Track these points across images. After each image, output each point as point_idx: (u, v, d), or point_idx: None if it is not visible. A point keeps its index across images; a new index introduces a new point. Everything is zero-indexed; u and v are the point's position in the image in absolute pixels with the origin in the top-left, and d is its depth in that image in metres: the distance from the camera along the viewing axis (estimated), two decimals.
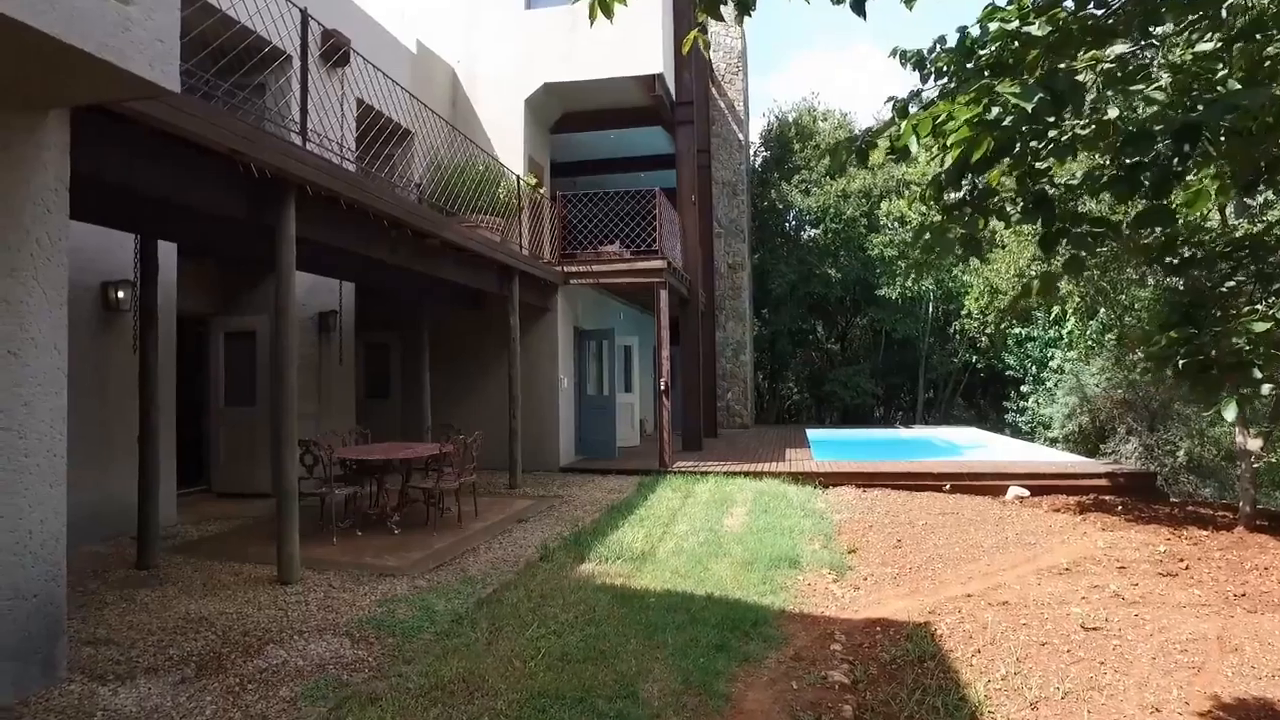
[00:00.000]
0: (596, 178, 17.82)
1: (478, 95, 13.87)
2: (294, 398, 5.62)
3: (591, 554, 6.61)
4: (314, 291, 10.17)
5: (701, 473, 11.40)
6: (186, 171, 5.05)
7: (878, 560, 6.88)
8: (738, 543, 7.16)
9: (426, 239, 8.03)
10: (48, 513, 3.83)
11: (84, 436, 6.87)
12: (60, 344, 3.91)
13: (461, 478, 7.78)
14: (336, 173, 5.92)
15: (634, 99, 14.17)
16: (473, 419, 12.02)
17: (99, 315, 7.07)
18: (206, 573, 5.92)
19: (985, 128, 2.72)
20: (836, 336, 29.10)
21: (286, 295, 5.60)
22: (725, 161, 21.72)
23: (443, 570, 6.05)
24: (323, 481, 6.98)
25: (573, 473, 11.97)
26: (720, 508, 8.96)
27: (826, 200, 23.21)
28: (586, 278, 12.39)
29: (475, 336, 12.68)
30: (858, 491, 10.34)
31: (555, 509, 8.89)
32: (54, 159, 3.88)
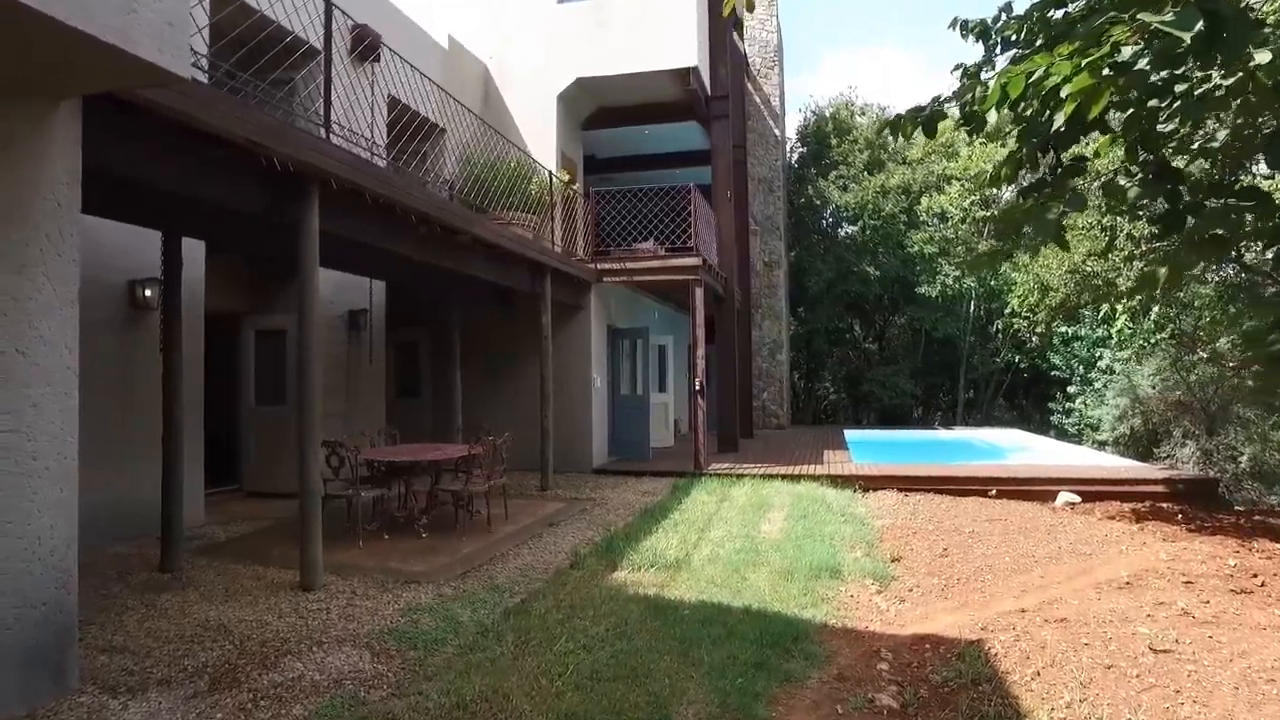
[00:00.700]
0: (630, 175, 17.58)
1: (509, 91, 13.71)
2: (318, 397, 5.46)
3: (624, 561, 6.37)
4: (344, 289, 10.07)
5: (737, 475, 11.11)
6: (205, 165, 4.91)
7: (923, 570, 6.55)
8: (776, 550, 6.88)
9: (456, 235, 7.85)
10: (58, 517, 3.68)
11: (111, 436, 6.81)
12: (71, 343, 3.76)
13: (491, 480, 7.59)
14: (361, 166, 5.74)
15: (668, 93, 13.91)
16: (504, 419, 11.85)
17: (126, 313, 6.99)
18: (229, 576, 5.78)
19: (1112, 74, 2.23)
20: (874, 335, 28.58)
21: (310, 292, 5.44)
22: (761, 158, 21.37)
23: (470, 577, 5.85)
24: (349, 483, 6.83)
25: (605, 474, 11.74)
26: (757, 512, 8.67)
27: (865, 196, 22.75)
28: (620, 275, 12.15)
29: (507, 335, 12.51)
30: (899, 496, 9.98)
31: (587, 512, 8.67)
32: (64, 151, 3.73)
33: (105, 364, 6.82)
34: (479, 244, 8.37)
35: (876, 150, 24.36)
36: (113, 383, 6.85)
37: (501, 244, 8.55)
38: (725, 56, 14.90)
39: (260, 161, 5.15)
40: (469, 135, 10.58)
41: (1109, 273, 10.40)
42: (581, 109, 14.27)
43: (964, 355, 23.89)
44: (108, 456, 6.78)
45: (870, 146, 24.25)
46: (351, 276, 10.05)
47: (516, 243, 8.98)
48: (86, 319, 6.84)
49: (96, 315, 6.76)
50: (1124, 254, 9.84)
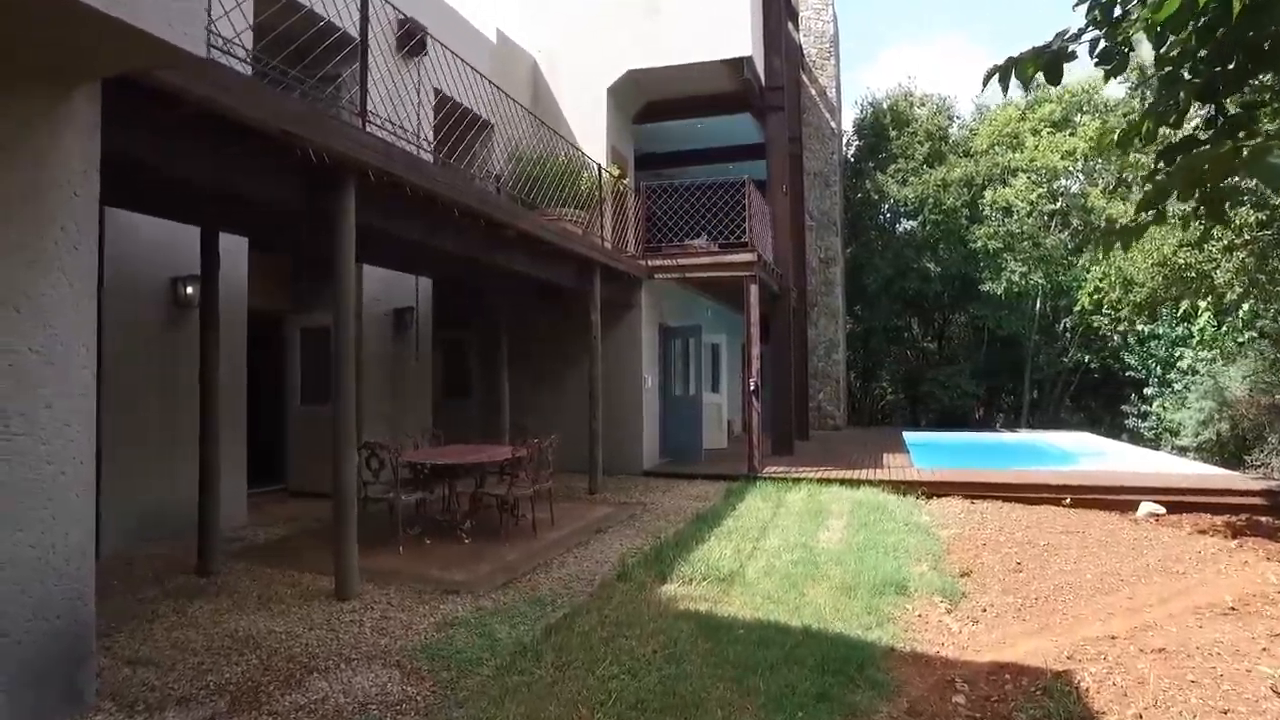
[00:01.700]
0: (681, 170, 17.21)
1: (559, 85, 13.47)
2: (352, 397, 5.23)
3: (674, 572, 6.01)
4: (391, 287, 9.92)
5: (793, 479, 10.67)
6: (239, 157, 4.71)
7: (997, 587, 6.06)
8: (836, 562, 6.45)
9: (501, 230, 7.59)
10: (73, 525, 3.48)
11: (155, 436, 6.72)
12: (89, 341, 3.56)
13: (537, 484, 7.31)
14: (398, 156, 5.49)
15: (721, 84, 13.52)
16: (552, 419, 11.60)
17: (168, 311, 6.89)
18: (264, 582, 5.59)
19: None
20: (933, 334, 27.68)
21: (345, 288, 5.21)
22: (817, 151, 20.78)
23: (511, 588, 5.56)
24: (389, 486, 6.61)
25: (656, 477, 11.40)
26: (815, 520, 8.24)
27: (925, 190, 21.95)
28: (672, 272, 11.79)
29: (556, 334, 12.25)
30: (965, 503, 9.44)
31: (636, 518, 8.33)
32: (81, 139, 3.53)
33: (147, 362, 6.73)
34: (525, 239, 8.10)
35: (937, 142, 23.52)
36: (155, 381, 6.76)
37: (548, 239, 8.27)
38: (780, 47, 14.44)
39: (295, 153, 4.93)
40: (518, 131, 10.35)
41: (1204, 264, 9.58)
42: (632, 102, 13.96)
43: (1029, 355, 22.90)
44: (151, 456, 6.70)
45: (930, 138, 23.42)
46: (399, 274, 9.89)
47: (563, 237, 8.69)
48: (128, 317, 6.84)
49: (138, 313, 6.68)
50: (1222, 244, 9.06)
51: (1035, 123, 21.32)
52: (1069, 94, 21.41)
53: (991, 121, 22.49)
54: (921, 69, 61.22)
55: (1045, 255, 20.13)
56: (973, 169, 21.84)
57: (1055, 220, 21.19)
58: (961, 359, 24.78)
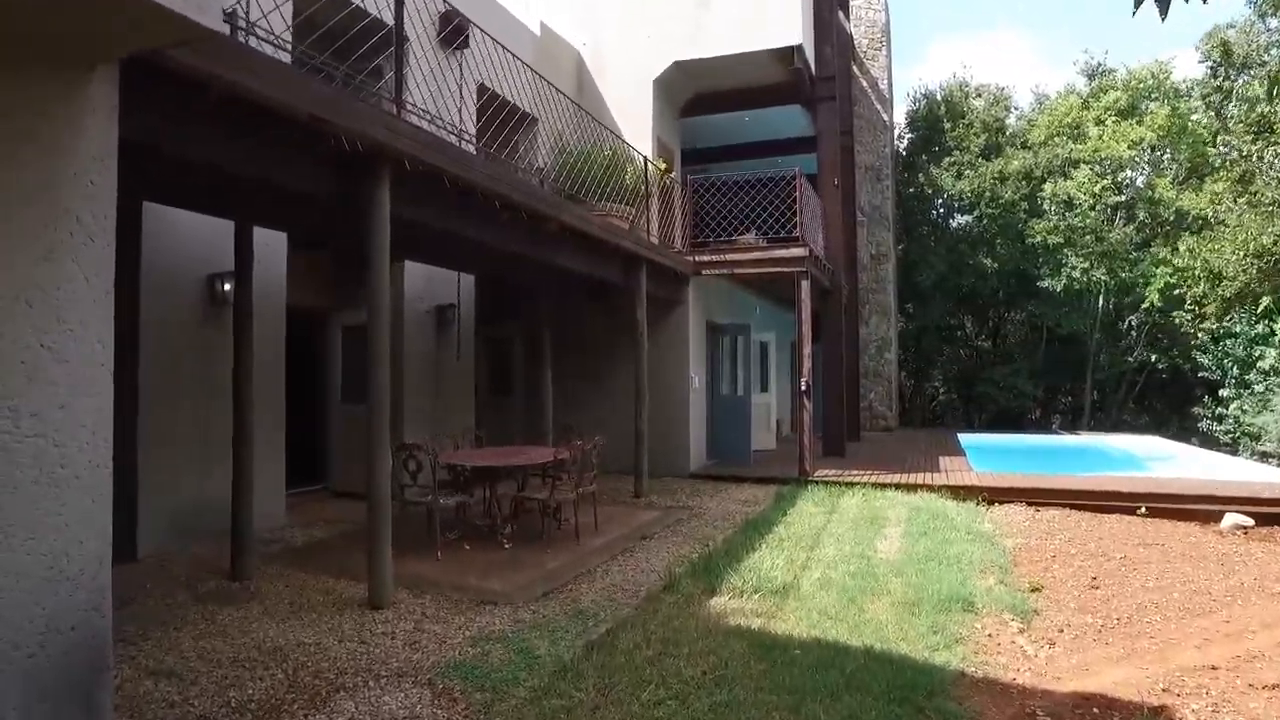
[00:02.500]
0: (729, 164, 16.81)
1: (604, 78, 13.20)
2: (386, 396, 5.02)
3: (723, 584, 5.68)
4: (433, 284, 9.74)
5: (846, 483, 10.25)
6: (267, 146, 4.50)
7: (1072, 605, 5.61)
8: (896, 574, 6.06)
9: (544, 223, 7.33)
10: (89, 532, 3.29)
11: (193, 435, 6.60)
12: (105, 338, 3.36)
13: (580, 487, 7.04)
14: (436, 145, 5.26)
15: (770, 75, 13.12)
16: (596, 420, 11.32)
17: (206, 309, 6.76)
18: (297, 588, 5.41)
19: None
20: (987, 333, 26.81)
21: (379, 283, 5.00)
22: (868, 144, 20.20)
23: (551, 599, 5.29)
24: (428, 489, 6.40)
25: (703, 480, 11.06)
26: (871, 527, 7.83)
27: (981, 183, 21.17)
28: (720, 268, 11.43)
29: (601, 332, 11.97)
30: (1029, 511, 8.93)
31: (683, 523, 8.01)
32: (99, 125, 3.33)
33: (185, 361, 6.61)
34: (569, 233, 7.84)
35: (994, 134, 22.70)
36: (193, 380, 6.64)
37: (591, 232, 7.99)
38: (831, 35, 13.97)
39: (328, 141, 4.72)
40: (562, 124, 10.11)
41: None
42: (679, 95, 13.62)
43: (1091, 354, 21.95)
44: (189, 456, 6.58)
45: (987, 130, 22.61)
46: (440, 271, 9.72)
47: (608, 231, 8.41)
48: (165, 315, 6.72)
49: (175, 311, 6.57)
50: None
51: (1099, 112, 20.42)
52: (1136, 80, 20.46)
53: (1051, 111, 21.62)
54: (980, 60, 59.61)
55: (1109, 250, 19.25)
56: (1031, 161, 21.01)
57: (1119, 213, 20.27)
58: (1018, 358, 23.90)
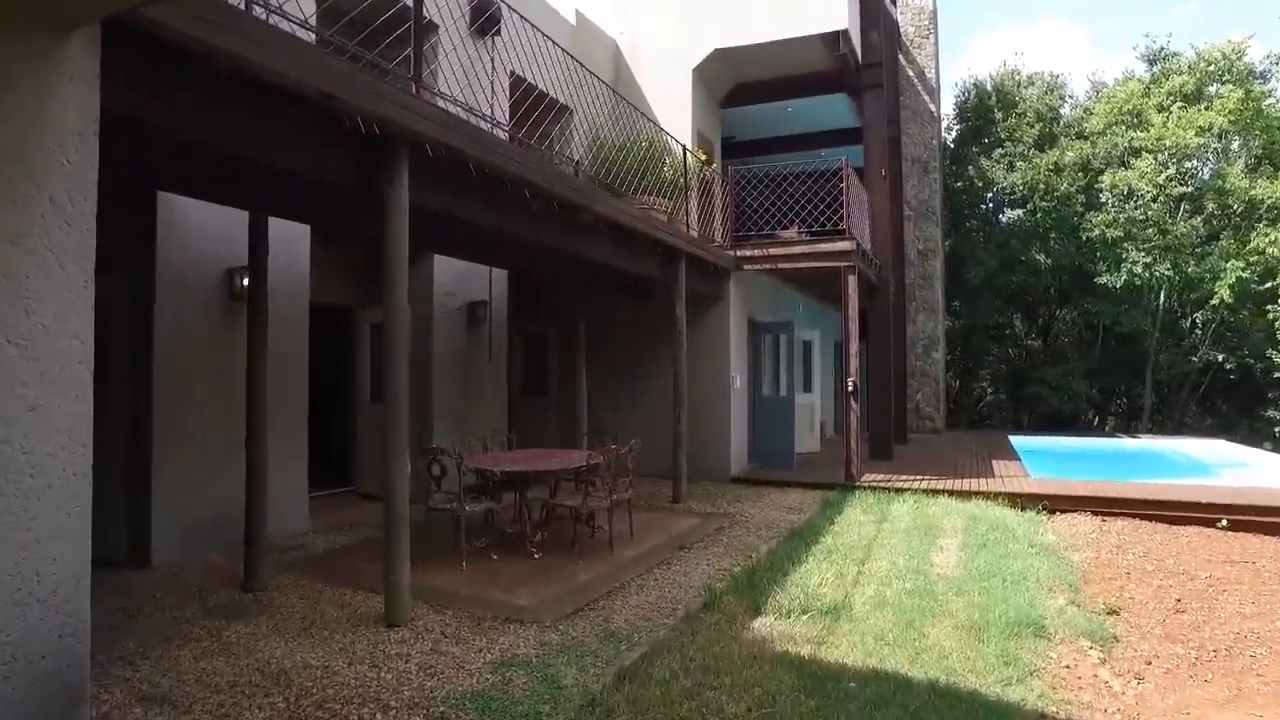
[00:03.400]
0: (769, 158, 16.28)
1: (642, 68, 12.77)
2: (404, 397, 4.65)
3: (769, 602, 5.23)
4: (465, 280, 9.41)
5: (896, 489, 9.71)
6: (277, 126, 4.16)
7: (1157, 631, 5.07)
8: (956, 593, 5.55)
9: (577, 214, 6.94)
10: (62, 547, 2.96)
11: (208, 437, 6.32)
12: (84, 333, 3.03)
13: (615, 493, 6.63)
14: (460, 128, 4.88)
15: (815, 62, 12.58)
16: (633, 420, 10.93)
17: (225, 305, 6.47)
18: (312, 601, 5.08)
19: None
20: (1037, 331, 25.83)
21: (397, 276, 4.63)
22: (915, 136, 19.50)
23: (581, 617, 4.88)
24: (453, 496, 6.05)
25: (744, 484, 10.58)
26: (925, 538, 7.31)
27: (1035, 175, 20.27)
28: (762, 263, 10.94)
29: (638, 329, 11.55)
30: (1095, 521, 8.32)
31: (724, 532, 7.56)
32: (77, 95, 3.00)
33: (202, 359, 6.33)
34: (603, 224, 7.44)
35: (1048, 124, 21.75)
36: (211, 379, 6.35)
37: (628, 223, 7.58)
38: (878, 21, 13.40)
39: (344, 123, 4.38)
40: (598, 115, 9.72)
41: None
42: (719, 84, 13.14)
43: (1151, 353, 20.92)
44: (207, 460, 6.29)
45: (1040, 119, 21.67)
46: (472, 266, 9.39)
47: (645, 223, 7.99)
48: (181, 313, 6.40)
49: (192, 307, 6.29)
50: None
51: (1162, 97, 19.40)
52: (1205, 62, 19.40)
53: (1110, 99, 20.61)
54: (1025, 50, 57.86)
55: (1173, 244, 18.26)
56: (1088, 151, 20.06)
57: (1184, 204, 19.25)
58: (1071, 358, 22.94)
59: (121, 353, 6.07)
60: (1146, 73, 20.90)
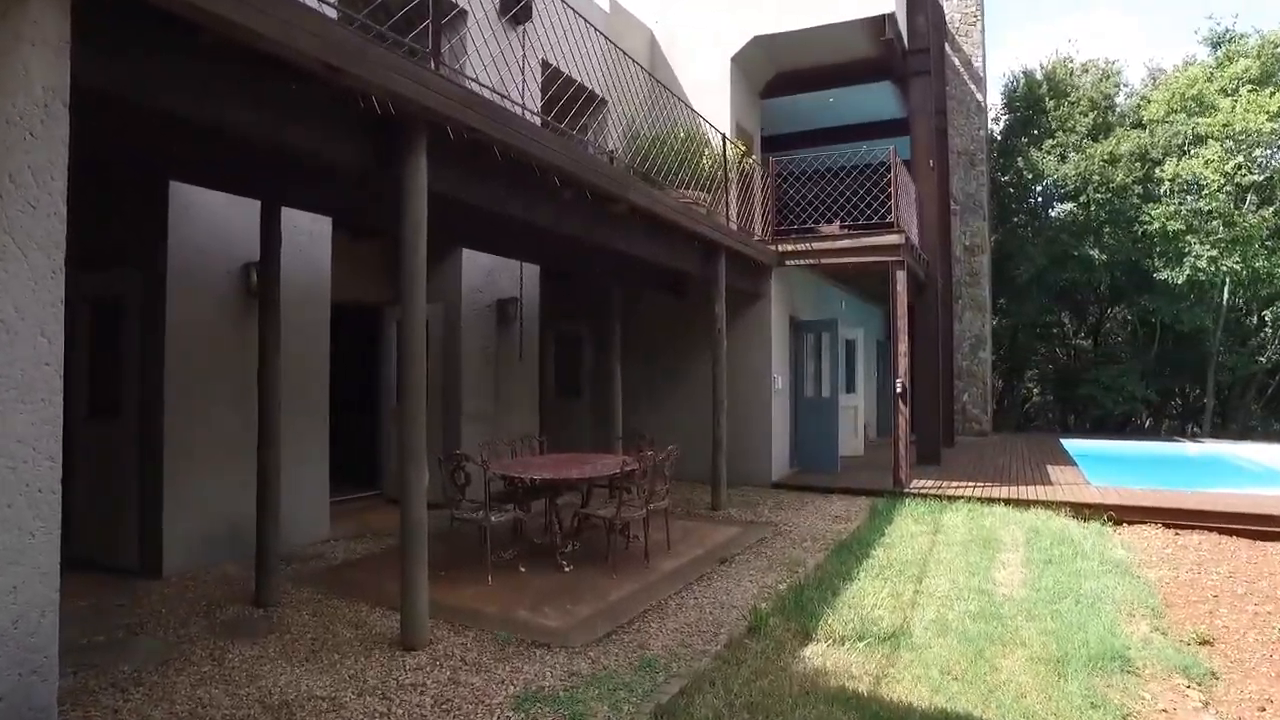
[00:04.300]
0: (811, 150, 15.72)
1: (678, 58, 12.33)
2: (421, 401, 4.26)
3: (819, 625, 4.76)
4: (495, 277, 9.05)
5: (947, 496, 9.15)
6: (277, 103, 3.79)
7: (1264, 668, 4.50)
8: (1026, 615, 5.03)
9: (611, 204, 6.53)
10: (25, 574, 2.61)
11: (224, 441, 6.00)
12: (51, 330, 2.68)
13: (651, 502, 6.20)
14: (483, 108, 4.48)
15: (859, 48, 12.03)
16: (670, 423, 10.49)
17: (243, 301, 6.15)
18: (325, 619, 4.72)
19: None
20: (1087, 330, 24.83)
21: (413, 269, 4.25)
22: (961, 127, 18.76)
23: (615, 641, 4.46)
24: (478, 505, 5.67)
25: (786, 490, 10.08)
26: (984, 552, 6.77)
27: (1089, 166, 19.35)
28: (805, 257, 10.42)
29: (675, 328, 11.09)
30: (1169, 535, 7.70)
31: (767, 543, 7.09)
32: (42, 61, 2.65)
33: (218, 359, 6.02)
34: (639, 215, 7.01)
35: (1102, 112, 20.79)
36: (227, 380, 6.03)
37: (665, 214, 7.14)
38: (925, 5, 12.79)
39: (357, 103, 4.02)
40: (634, 104, 9.30)
41: None
42: (759, 74, 12.64)
43: (1214, 353, 19.86)
44: (223, 465, 5.98)
45: (1095, 108, 20.72)
46: (502, 262, 9.03)
47: (682, 214, 7.54)
48: (194, 312, 5.90)
49: (206, 304, 5.98)
50: None
51: (1226, 82, 18.38)
52: (1272, 44, 18.36)
53: (1170, 85, 19.61)
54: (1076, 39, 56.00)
55: (1241, 236, 17.25)
56: (1146, 140, 19.10)
57: (1251, 195, 18.21)
58: (1125, 358, 21.95)
59: (133, 353, 5.79)
60: (1210, 57, 19.88)
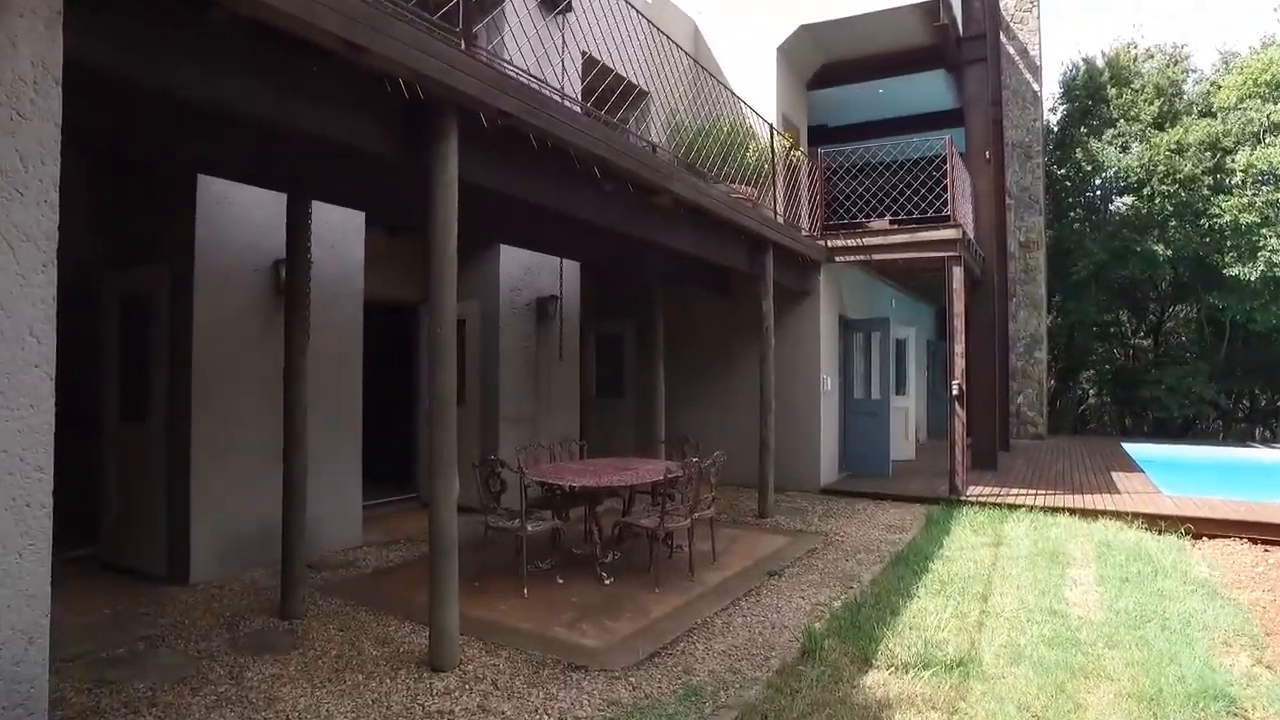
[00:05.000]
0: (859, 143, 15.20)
1: (722, 49, 11.94)
2: (451, 406, 3.98)
3: (879, 649, 4.37)
4: (534, 274, 8.78)
5: (1007, 505, 8.66)
6: (297, 85, 3.53)
7: None
8: (1107, 642, 4.58)
9: (654, 196, 6.20)
10: (11, 598, 2.36)
11: (255, 445, 5.80)
12: (41, 329, 2.44)
13: (696, 511, 5.86)
14: (513, 90, 4.17)
15: (911, 35, 11.54)
16: (714, 425, 10.15)
17: (273, 299, 5.93)
18: (351, 633, 4.47)
19: None
20: (1147, 328, 23.78)
21: (442, 265, 3.97)
22: (1016, 119, 18.05)
23: (657, 664, 4.12)
24: (514, 514, 5.38)
25: (835, 496, 9.65)
26: (1052, 568, 6.30)
27: (1154, 157, 18.44)
28: (856, 253, 9.97)
29: (720, 327, 10.71)
30: (1257, 552, 7.15)
31: (817, 554, 6.70)
32: (31, 34, 2.41)
33: (250, 359, 5.82)
34: (683, 208, 6.68)
35: (1169, 99, 19.81)
36: (259, 381, 5.83)
37: (710, 207, 6.79)
38: None
39: (384, 86, 3.75)
40: (678, 96, 8.94)
41: None
42: (805, 64, 12.20)
43: None
44: (253, 470, 5.77)
45: (1161, 95, 19.74)
46: (541, 259, 8.77)
47: (729, 207, 7.18)
48: (221, 312, 5.56)
49: (236, 303, 5.78)
50: None
51: None
52: None
53: (1244, 69, 18.59)
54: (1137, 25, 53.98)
55: None
56: (1218, 128, 18.14)
57: None
58: (1191, 358, 20.95)
59: (161, 352, 5.62)
60: None
